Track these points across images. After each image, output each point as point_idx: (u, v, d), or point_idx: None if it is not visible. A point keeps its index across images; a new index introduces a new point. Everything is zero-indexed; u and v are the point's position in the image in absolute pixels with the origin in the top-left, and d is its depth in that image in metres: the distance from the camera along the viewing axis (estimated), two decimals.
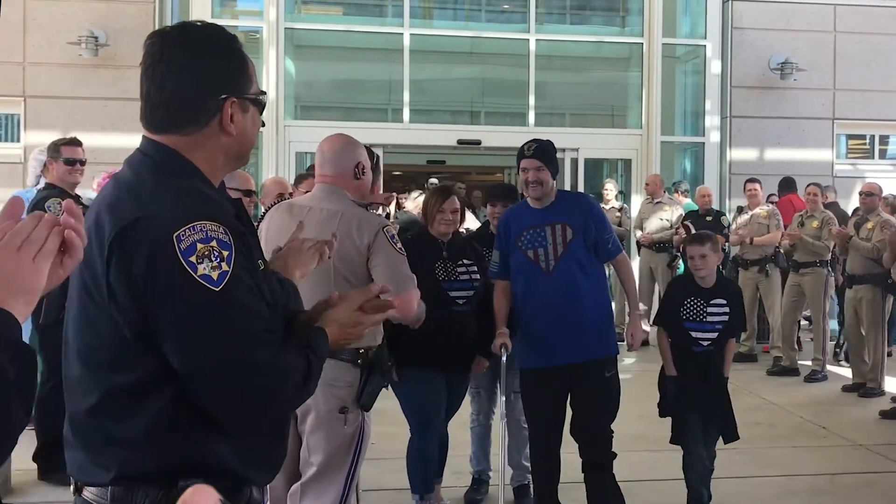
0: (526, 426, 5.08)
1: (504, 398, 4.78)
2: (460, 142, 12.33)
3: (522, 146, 4.54)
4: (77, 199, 5.55)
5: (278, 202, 4.76)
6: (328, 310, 2.04)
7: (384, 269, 3.39)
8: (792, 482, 4.57)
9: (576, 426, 4.53)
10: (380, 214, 4.97)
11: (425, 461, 4.84)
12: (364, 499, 4.55)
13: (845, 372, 8.75)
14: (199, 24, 1.94)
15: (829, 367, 8.95)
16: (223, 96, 1.83)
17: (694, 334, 4.76)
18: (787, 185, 10.99)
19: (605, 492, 4.49)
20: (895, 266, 7.32)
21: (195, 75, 1.82)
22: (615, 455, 4.51)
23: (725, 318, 4.76)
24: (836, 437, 6.78)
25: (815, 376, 8.74)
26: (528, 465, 5.13)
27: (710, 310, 4.74)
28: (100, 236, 1.74)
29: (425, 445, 4.81)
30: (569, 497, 4.69)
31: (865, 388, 8.04)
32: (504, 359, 4.56)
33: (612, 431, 4.51)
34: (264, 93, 1.98)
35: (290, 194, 5.43)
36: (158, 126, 1.85)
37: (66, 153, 5.64)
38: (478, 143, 12.33)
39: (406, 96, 12.19)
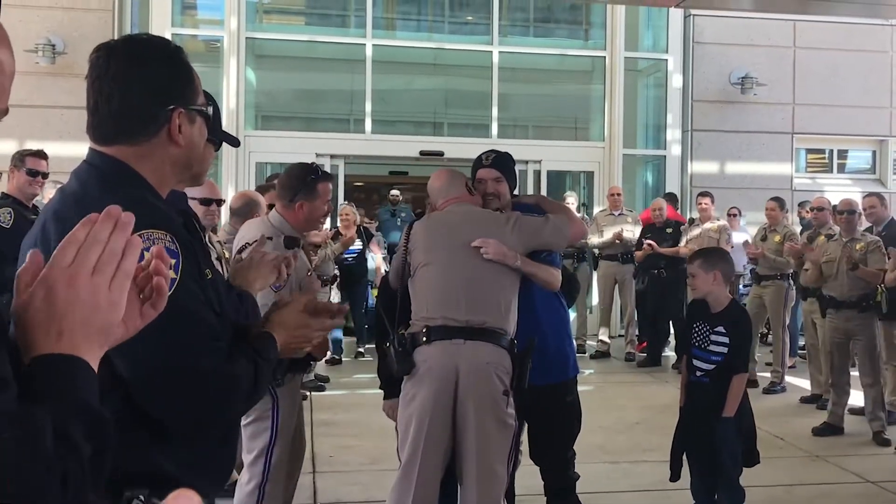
0: (520, 448, 5.01)
1: None
2: (423, 153, 12.32)
3: (479, 156, 4.24)
4: (34, 210, 5.48)
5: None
6: (274, 314, 2.06)
7: (544, 237, 3.93)
8: (749, 493, 4.55)
9: (536, 453, 4.30)
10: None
11: None
12: None
13: (803, 384, 8.81)
14: (144, 36, 1.95)
15: (787, 379, 9.01)
16: (171, 107, 1.84)
17: (695, 362, 4.47)
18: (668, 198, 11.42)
19: None
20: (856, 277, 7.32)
21: (143, 87, 1.82)
22: (578, 476, 4.34)
23: (725, 349, 4.41)
24: (794, 448, 6.81)
25: (774, 388, 8.79)
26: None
27: (713, 337, 4.43)
28: (46, 245, 1.71)
29: None
30: None
31: (823, 399, 8.09)
32: None
33: (574, 453, 4.33)
34: (210, 104, 1.97)
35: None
36: (107, 138, 1.84)
37: (29, 164, 5.55)
38: (440, 154, 12.33)
39: (368, 107, 12.18)
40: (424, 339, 3.67)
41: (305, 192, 4.06)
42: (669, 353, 10.56)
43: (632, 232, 10.49)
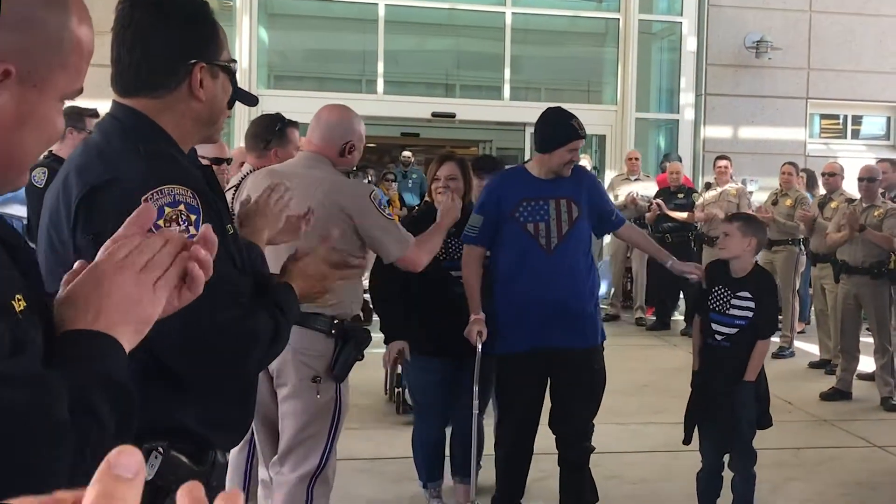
0: None
1: (477, 388, 4.20)
2: (435, 114, 12.27)
3: (569, 122, 4.06)
4: None
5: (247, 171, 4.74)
6: (294, 264, 2.09)
7: (378, 237, 3.45)
8: (758, 456, 4.58)
9: (557, 420, 4.21)
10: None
11: (426, 447, 4.59)
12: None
13: (812, 348, 8.84)
14: None
15: (796, 344, 9.05)
16: (193, 61, 1.83)
17: (714, 326, 4.41)
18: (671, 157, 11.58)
19: (581, 487, 4.29)
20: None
21: (165, 39, 1.82)
22: (593, 449, 4.31)
23: (749, 314, 4.32)
24: (802, 413, 6.86)
25: (783, 352, 8.82)
26: None
27: (734, 301, 4.34)
28: (67, 198, 1.74)
29: (425, 432, 4.59)
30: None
31: (831, 364, 8.12)
32: (480, 347, 4.09)
33: (593, 426, 4.28)
34: (234, 61, 1.97)
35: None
36: (128, 90, 1.85)
37: (90, 126, 5.48)
38: (452, 116, 12.29)
39: (380, 67, 12.12)
40: None
41: (278, 139, 4.15)
42: (678, 317, 10.59)
43: (646, 196, 10.49)
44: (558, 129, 4.07)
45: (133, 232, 1.18)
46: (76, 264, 1.20)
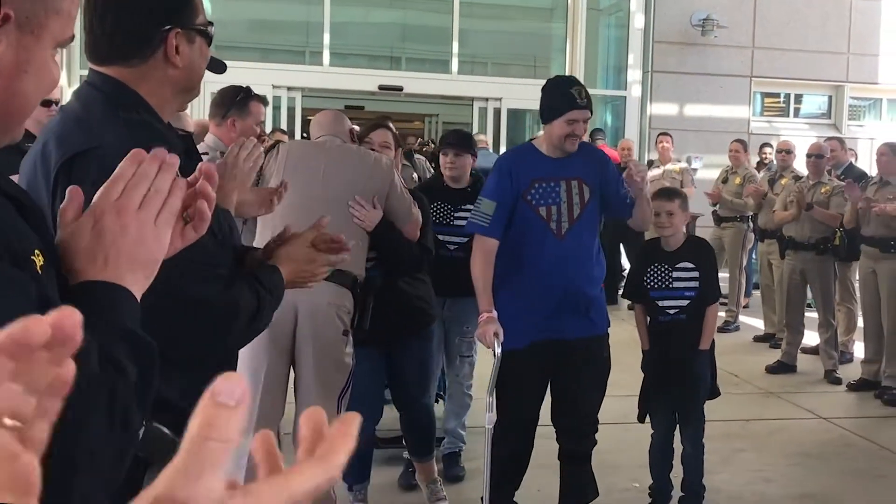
0: (469, 393, 4.93)
1: (493, 399, 3.86)
2: (382, 87, 12.14)
3: (568, 91, 3.74)
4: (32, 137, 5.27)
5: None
6: (281, 247, 2.01)
7: (398, 207, 3.81)
8: (707, 427, 4.60)
9: (563, 411, 3.95)
10: None
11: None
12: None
13: (756, 322, 8.96)
14: None
15: (741, 318, 9.15)
16: (167, 27, 1.77)
17: (660, 303, 4.31)
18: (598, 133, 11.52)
19: (582, 481, 4.07)
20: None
21: (137, 6, 1.77)
22: (596, 442, 4.06)
23: (695, 283, 4.26)
24: (748, 385, 6.94)
25: (728, 327, 8.91)
26: (464, 433, 4.95)
27: (675, 275, 4.27)
28: (46, 166, 1.70)
29: None
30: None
31: (776, 338, 8.23)
32: (499, 351, 3.69)
33: (598, 420, 4.03)
34: (212, 24, 1.91)
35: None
36: (102, 58, 1.79)
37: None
38: (400, 89, 12.17)
39: (326, 39, 11.95)
40: None
41: (237, 110, 4.10)
42: None
43: None
44: (555, 99, 3.77)
45: (128, 167, 1.12)
46: (69, 192, 1.15)
